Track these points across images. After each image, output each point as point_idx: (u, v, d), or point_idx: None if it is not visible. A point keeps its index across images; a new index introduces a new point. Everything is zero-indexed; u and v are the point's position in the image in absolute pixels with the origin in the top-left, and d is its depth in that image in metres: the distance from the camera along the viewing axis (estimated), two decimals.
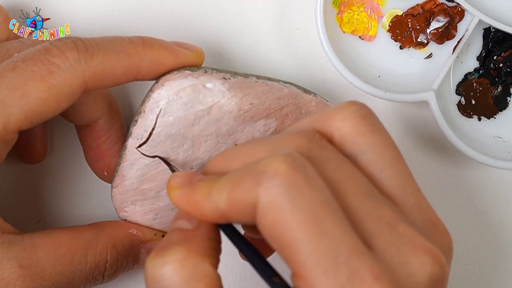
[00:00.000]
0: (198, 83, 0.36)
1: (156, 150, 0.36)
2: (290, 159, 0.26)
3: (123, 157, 0.37)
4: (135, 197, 0.38)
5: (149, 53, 0.35)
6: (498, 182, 0.44)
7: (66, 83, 0.32)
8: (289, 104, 0.38)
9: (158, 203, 0.38)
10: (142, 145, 0.36)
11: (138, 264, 0.38)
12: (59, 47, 0.33)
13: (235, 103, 0.36)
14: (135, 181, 0.37)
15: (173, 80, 0.35)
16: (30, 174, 0.42)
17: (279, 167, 0.26)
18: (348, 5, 0.43)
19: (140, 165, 0.37)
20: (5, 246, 0.32)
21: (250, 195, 0.26)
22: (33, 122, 0.33)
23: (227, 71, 0.37)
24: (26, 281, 0.32)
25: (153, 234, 0.39)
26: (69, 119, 0.39)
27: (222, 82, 0.36)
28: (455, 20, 0.43)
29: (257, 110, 0.37)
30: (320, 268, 0.25)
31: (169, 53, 0.35)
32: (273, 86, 0.38)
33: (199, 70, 0.36)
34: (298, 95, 0.38)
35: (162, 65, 0.35)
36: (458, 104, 0.43)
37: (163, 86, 0.35)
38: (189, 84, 0.35)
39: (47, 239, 0.34)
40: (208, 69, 0.36)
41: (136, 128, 0.36)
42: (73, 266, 0.34)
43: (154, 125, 0.36)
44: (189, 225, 0.29)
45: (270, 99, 0.37)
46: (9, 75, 0.32)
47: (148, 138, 0.36)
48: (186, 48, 0.37)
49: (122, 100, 0.42)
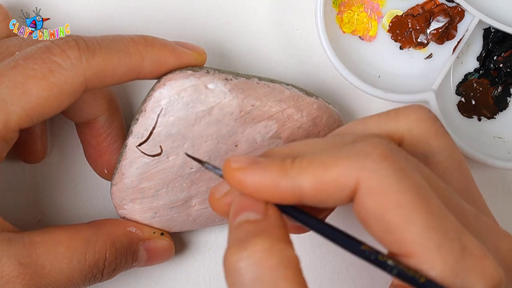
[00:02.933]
0: (199, 83, 0.36)
1: (156, 149, 0.36)
2: (390, 146, 0.27)
3: (123, 155, 0.37)
4: (134, 195, 0.38)
5: (150, 52, 0.35)
6: (498, 182, 0.44)
7: (67, 81, 0.33)
8: (290, 106, 0.37)
9: (157, 201, 0.38)
10: (142, 143, 0.36)
11: (137, 262, 0.38)
12: (61, 45, 0.33)
13: (236, 104, 0.36)
14: (135, 179, 0.37)
15: (175, 80, 0.35)
16: (30, 173, 0.42)
17: (384, 151, 0.27)
18: (348, 5, 0.43)
19: (140, 164, 0.37)
20: (4, 244, 0.32)
21: (350, 177, 0.27)
22: (34, 120, 0.33)
23: (229, 72, 0.37)
24: (25, 279, 0.32)
25: (151, 232, 0.39)
26: (69, 116, 0.39)
27: (224, 83, 0.36)
28: (455, 20, 0.43)
29: (258, 112, 0.37)
30: (433, 243, 0.25)
31: (171, 53, 0.35)
32: (275, 88, 0.37)
33: (201, 70, 0.36)
34: (299, 98, 0.38)
35: (164, 65, 0.35)
36: (458, 104, 0.43)
37: (164, 85, 0.35)
38: (191, 85, 0.35)
39: (47, 237, 0.34)
40: (210, 69, 0.36)
41: (137, 127, 0.36)
42: (72, 264, 0.34)
43: (155, 124, 0.36)
44: (258, 216, 0.28)
45: (272, 101, 0.37)
46: (10, 73, 0.32)
47: (148, 137, 0.36)
48: (188, 48, 0.36)
49: (122, 98, 0.42)
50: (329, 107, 0.39)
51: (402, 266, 0.26)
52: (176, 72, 0.36)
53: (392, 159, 0.27)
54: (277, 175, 0.28)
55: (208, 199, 0.31)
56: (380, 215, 0.26)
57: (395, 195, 0.26)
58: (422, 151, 0.30)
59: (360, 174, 0.26)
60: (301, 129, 0.38)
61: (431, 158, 0.30)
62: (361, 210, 0.27)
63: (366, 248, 0.27)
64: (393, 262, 0.26)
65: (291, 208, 0.29)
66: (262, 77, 0.38)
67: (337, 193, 0.27)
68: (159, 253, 0.39)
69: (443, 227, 0.26)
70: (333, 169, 0.27)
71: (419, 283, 0.26)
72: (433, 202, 0.26)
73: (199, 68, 0.36)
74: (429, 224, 0.26)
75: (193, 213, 0.39)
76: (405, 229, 0.26)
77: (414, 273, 0.26)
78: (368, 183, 0.26)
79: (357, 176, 0.27)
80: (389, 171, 0.26)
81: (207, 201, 0.39)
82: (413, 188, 0.26)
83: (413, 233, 0.26)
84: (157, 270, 0.43)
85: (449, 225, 0.26)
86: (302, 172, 0.27)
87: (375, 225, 0.27)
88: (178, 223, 0.40)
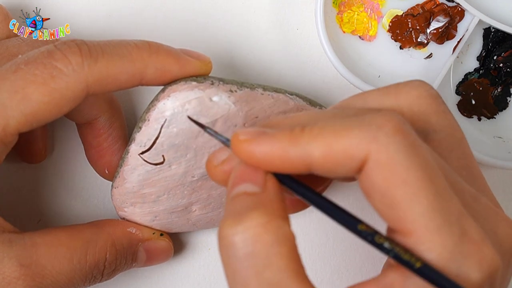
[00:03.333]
0: (204, 96, 0.35)
1: (159, 158, 0.36)
2: (403, 120, 0.27)
3: (125, 160, 0.37)
4: (135, 199, 0.38)
5: (154, 60, 0.34)
6: (498, 182, 0.44)
7: (68, 87, 0.32)
8: None
9: (157, 207, 0.38)
10: (145, 152, 0.36)
11: (136, 263, 0.38)
12: (63, 50, 0.33)
13: (240, 116, 0.36)
14: (136, 185, 0.37)
15: (179, 91, 0.35)
16: (31, 174, 0.42)
17: (397, 125, 0.26)
18: (348, 5, 0.43)
19: (142, 171, 0.37)
20: (5, 245, 0.32)
21: (360, 147, 0.26)
22: (33, 125, 0.33)
23: (234, 81, 0.36)
24: (27, 280, 0.32)
25: (151, 232, 0.39)
26: (70, 117, 0.39)
27: (228, 95, 0.35)
28: (455, 20, 0.43)
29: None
30: (434, 225, 0.25)
31: (175, 61, 0.35)
32: (279, 98, 0.37)
33: (206, 81, 0.35)
34: (303, 109, 0.38)
35: (168, 73, 0.35)
36: (458, 104, 0.43)
37: (169, 97, 0.35)
38: (195, 97, 0.35)
39: (47, 238, 0.34)
40: (215, 80, 0.36)
41: (140, 135, 0.36)
42: (73, 265, 0.34)
43: (158, 135, 0.36)
44: (256, 188, 0.28)
45: (276, 112, 0.37)
46: (11, 77, 0.32)
47: (151, 146, 0.36)
48: (194, 56, 0.36)
49: (123, 98, 0.42)
50: None
51: (398, 249, 0.26)
52: (181, 83, 0.35)
53: (404, 134, 0.26)
54: (287, 143, 0.27)
55: (205, 166, 0.30)
56: (385, 190, 0.26)
57: (403, 171, 0.25)
58: (422, 129, 0.30)
59: (371, 146, 0.26)
60: None
61: (431, 135, 0.30)
62: (367, 182, 0.26)
63: (363, 228, 0.26)
64: (389, 245, 0.26)
65: (290, 179, 0.28)
66: (266, 87, 0.37)
67: (346, 163, 0.26)
68: (158, 254, 0.39)
69: (446, 209, 0.25)
70: (344, 138, 0.26)
71: (414, 267, 0.25)
72: (439, 182, 0.26)
73: (204, 78, 0.36)
74: (432, 205, 0.25)
75: (193, 218, 0.39)
76: (408, 207, 0.25)
77: (410, 257, 0.25)
78: (378, 156, 0.26)
79: (368, 147, 0.26)
80: (400, 146, 0.26)
81: (207, 207, 0.39)
82: (421, 166, 0.26)
83: (415, 212, 0.25)
84: (157, 271, 0.43)
85: (452, 207, 0.26)
86: (313, 140, 0.27)
87: (379, 199, 0.26)
88: (178, 226, 0.40)
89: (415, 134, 0.27)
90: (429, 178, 0.26)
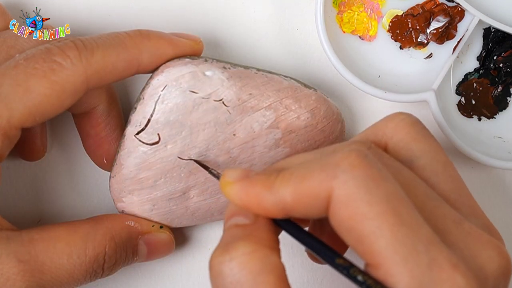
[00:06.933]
0: (197, 70, 0.36)
1: (154, 137, 0.36)
2: (363, 154, 0.27)
3: (121, 145, 0.37)
4: (132, 186, 0.38)
5: (147, 45, 0.35)
6: (498, 182, 0.44)
7: (68, 80, 0.33)
8: (288, 96, 0.38)
9: (155, 192, 0.38)
10: (140, 132, 0.37)
11: (138, 257, 0.38)
12: (60, 46, 0.34)
13: (234, 92, 0.37)
14: (133, 169, 0.37)
15: (173, 66, 0.36)
16: (30, 171, 0.42)
17: (354, 160, 0.27)
18: (348, 5, 0.43)
19: (138, 153, 0.37)
20: (3, 242, 0.33)
21: (322, 187, 0.27)
22: (36, 119, 0.33)
23: (227, 61, 0.37)
24: (26, 276, 0.32)
25: (150, 225, 0.39)
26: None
27: (222, 71, 0.37)
28: (455, 20, 0.43)
29: (256, 101, 0.37)
30: (399, 256, 0.25)
31: (168, 43, 0.36)
32: (273, 78, 0.38)
33: (199, 58, 0.37)
34: (298, 89, 0.38)
35: (163, 56, 0.36)
36: (458, 104, 0.43)
37: (162, 72, 0.36)
38: (189, 71, 0.36)
39: (45, 234, 0.34)
40: (209, 58, 0.37)
41: (135, 115, 0.37)
42: (72, 260, 0.34)
43: (153, 112, 0.36)
44: (247, 220, 0.29)
45: (270, 90, 0.38)
46: (12, 72, 0.33)
47: (146, 124, 0.36)
48: (184, 37, 0.37)
49: (119, 88, 0.42)
50: (327, 100, 0.40)
51: (370, 282, 0.26)
52: (175, 60, 0.36)
53: (362, 168, 0.27)
54: (261, 190, 0.28)
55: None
56: (350, 226, 0.26)
57: (363, 206, 0.26)
58: (405, 157, 0.31)
59: (332, 184, 0.27)
60: (299, 120, 0.38)
61: (415, 162, 0.30)
62: (333, 220, 0.27)
63: (340, 262, 0.27)
64: (362, 278, 0.26)
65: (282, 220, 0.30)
66: (260, 68, 0.38)
67: (314, 204, 0.27)
68: (159, 247, 0.39)
69: (412, 238, 0.26)
70: (309, 180, 0.27)
71: None
72: (404, 212, 0.26)
73: (198, 57, 0.37)
74: (396, 236, 0.25)
75: (192, 206, 0.39)
76: (373, 241, 0.26)
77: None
78: (339, 193, 0.27)
79: (329, 186, 0.27)
80: (359, 181, 0.26)
81: (205, 193, 0.39)
82: (383, 199, 0.26)
83: (380, 245, 0.26)
84: (157, 270, 0.43)
85: (419, 236, 0.26)
86: (284, 185, 0.28)
87: (347, 235, 0.27)
88: (177, 216, 0.40)
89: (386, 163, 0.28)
90: (393, 210, 0.26)
